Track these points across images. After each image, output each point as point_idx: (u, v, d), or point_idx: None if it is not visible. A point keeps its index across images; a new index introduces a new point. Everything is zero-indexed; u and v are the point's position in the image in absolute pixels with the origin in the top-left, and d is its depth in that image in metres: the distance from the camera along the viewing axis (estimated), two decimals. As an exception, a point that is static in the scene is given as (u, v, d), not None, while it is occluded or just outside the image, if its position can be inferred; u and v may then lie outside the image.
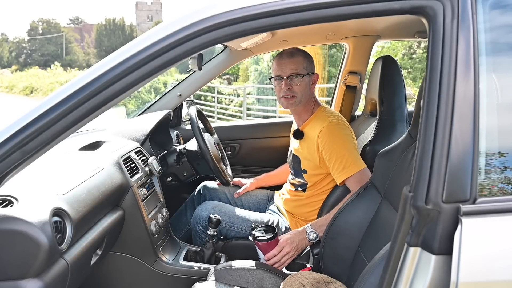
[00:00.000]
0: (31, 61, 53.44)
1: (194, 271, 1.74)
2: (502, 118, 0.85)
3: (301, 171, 1.86)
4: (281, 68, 1.79)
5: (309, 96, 1.85)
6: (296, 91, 1.79)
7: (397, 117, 1.89)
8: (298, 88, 1.78)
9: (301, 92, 1.79)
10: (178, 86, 2.44)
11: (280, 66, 1.80)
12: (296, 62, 1.79)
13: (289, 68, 1.78)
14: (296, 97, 1.80)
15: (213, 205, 1.94)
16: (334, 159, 1.71)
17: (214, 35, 0.91)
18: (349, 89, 2.47)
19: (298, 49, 1.85)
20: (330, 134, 1.73)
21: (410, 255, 0.81)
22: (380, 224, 1.30)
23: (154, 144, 2.17)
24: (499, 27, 0.86)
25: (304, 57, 1.82)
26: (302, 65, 1.79)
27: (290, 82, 1.78)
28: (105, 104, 0.94)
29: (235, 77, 15.90)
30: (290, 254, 1.62)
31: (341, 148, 1.71)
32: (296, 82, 1.78)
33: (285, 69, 1.79)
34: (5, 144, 0.92)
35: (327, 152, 1.73)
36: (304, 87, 1.80)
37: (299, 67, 1.79)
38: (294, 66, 1.78)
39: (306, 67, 1.81)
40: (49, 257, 1.07)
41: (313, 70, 1.85)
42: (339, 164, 1.70)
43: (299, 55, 1.81)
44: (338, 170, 1.71)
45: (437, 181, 0.79)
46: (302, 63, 1.80)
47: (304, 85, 1.80)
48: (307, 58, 1.82)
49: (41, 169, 1.34)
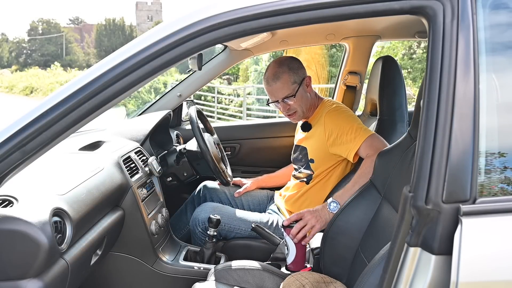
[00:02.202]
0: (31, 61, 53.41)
1: (194, 271, 1.74)
2: (502, 118, 0.85)
3: (308, 160, 1.87)
4: (272, 93, 1.83)
5: (309, 100, 1.87)
6: (295, 107, 1.83)
7: (397, 117, 1.89)
8: (296, 104, 1.82)
9: (300, 106, 1.84)
10: (178, 86, 2.44)
11: (271, 93, 1.83)
12: (283, 84, 1.79)
13: (278, 93, 1.81)
14: (297, 111, 1.85)
15: (212, 207, 1.94)
16: (344, 133, 1.73)
17: (214, 35, 0.91)
18: (349, 89, 2.47)
19: (280, 64, 1.80)
20: (336, 114, 1.79)
21: (410, 255, 0.81)
22: (380, 224, 1.30)
23: (154, 144, 2.17)
24: (499, 27, 0.86)
25: (289, 71, 1.79)
26: (289, 82, 1.79)
27: (285, 104, 1.82)
28: (105, 104, 0.94)
29: (235, 77, 15.89)
30: (312, 222, 1.53)
31: (348, 123, 1.75)
32: (290, 101, 1.81)
33: (275, 94, 1.82)
34: (5, 144, 0.92)
35: (336, 130, 1.75)
36: (300, 100, 1.82)
37: (287, 87, 1.79)
38: (282, 89, 1.80)
39: (294, 81, 1.80)
40: (49, 257, 1.07)
41: (303, 76, 1.83)
42: (350, 135, 1.71)
43: (283, 72, 1.79)
44: (350, 140, 1.71)
45: (437, 181, 0.79)
46: (288, 81, 1.79)
47: (300, 98, 1.82)
48: (292, 71, 1.80)
49: (41, 169, 1.34)
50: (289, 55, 1.92)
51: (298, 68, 1.83)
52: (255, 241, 1.89)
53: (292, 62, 1.83)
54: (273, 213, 1.98)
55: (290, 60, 1.84)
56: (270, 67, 1.83)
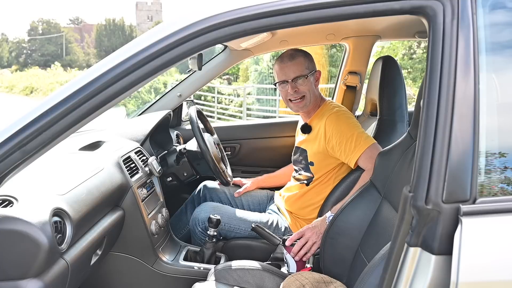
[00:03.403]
0: (31, 61, 53.42)
1: (194, 271, 1.74)
2: (502, 118, 0.85)
3: (308, 163, 1.87)
4: (284, 72, 1.81)
5: (316, 95, 1.88)
6: (304, 91, 1.81)
7: (397, 117, 1.89)
8: (305, 88, 1.81)
9: (309, 91, 1.82)
10: (178, 86, 2.44)
11: (283, 70, 1.81)
12: (298, 64, 1.80)
13: (292, 71, 1.79)
14: (306, 97, 1.82)
15: (212, 207, 1.94)
16: (344, 141, 1.72)
17: (214, 35, 0.91)
18: (349, 89, 2.47)
19: (297, 50, 1.86)
20: (336, 119, 1.78)
21: (410, 255, 0.81)
22: (380, 224, 1.30)
23: (154, 144, 2.17)
24: (499, 27, 0.86)
25: (305, 57, 1.83)
26: (304, 65, 1.81)
27: (295, 84, 1.80)
28: (105, 104, 0.94)
29: (235, 77, 15.89)
30: (313, 239, 1.57)
31: (349, 130, 1.74)
32: (301, 83, 1.80)
33: (288, 72, 1.80)
34: (5, 144, 0.92)
35: (336, 136, 1.74)
36: (310, 86, 1.82)
37: (301, 68, 1.80)
38: (297, 68, 1.80)
39: (308, 66, 1.83)
40: (49, 257, 1.07)
41: (314, 68, 1.87)
42: (350, 144, 1.71)
43: (300, 55, 1.82)
44: (350, 150, 1.71)
45: (437, 181, 0.79)
46: (303, 63, 1.81)
47: (310, 84, 1.82)
48: (307, 58, 1.84)
49: (41, 169, 1.34)
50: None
51: (312, 60, 1.87)
52: (255, 241, 1.89)
53: (307, 53, 1.87)
54: (273, 213, 1.98)
55: (305, 51, 1.88)
56: (286, 51, 1.86)
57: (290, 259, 1.56)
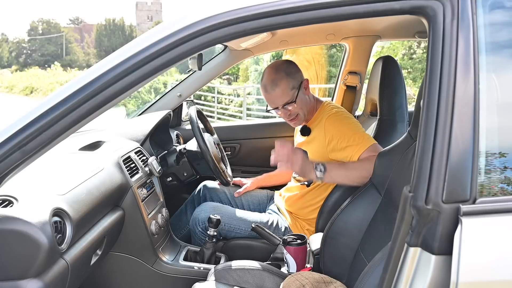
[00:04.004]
0: (31, 61, 53.39)
1: (194, 271, 1.74)
2: (502, 118, 0.85)
3: None
4: (271, 101, 1.78)
5: (309, 103, 1.83)
6: (296, 111, 1.78)
7: (398, 117, 1.89)
8: (296, 109, 1.77)
9: (301, 109, 1.79)
10: (178, 86, 2.44)
11: (270, 100, 1.78)
12: (282, 91, 1.74)
13: (278, 100, 1.76)
14: (299, 115, 1.80)
15: (212, 207, 1.93)
16: (346, 141, 1.68)
17: (214, 35, 0.91)
18: (349, 89, 2.47)
19: (277, 70, 1.75)
20: (336, 120, 1.75)
21: (410, 255, 0.81)
22: (380, 224, 1.30)
23: (154, 144, 2.17)
24: (499, 27, 0.86)
25: (287, 78, 1.74)
26: (288, 89, 1.74)
27: (285, 110, 1.77)
28: (105, 104, 0.94)
29: (235, 77, 15.88)
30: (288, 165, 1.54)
31: (350, 130, 1.71)
32: (291, 107, 1.76)
33: (275, 101, 1.77)
34: (5, 144, 0.92)
35: (336, 137, 1.71)
36: (300, 104, 1.78)
37: (287, 94, 1.74)
38: (282, 95, 1.74)
39: (293, 85, 1.75)
40: (49, 257, 1.07)
41: (301, 79, 1.79)
42: (352, 141, 1.67)
43: (281, 79, 1.73)
44: (352, 147, 1.67)
45: (437, 181, 0.79)
46: (287, 86, 1.74)
47: (300, 102, 1.77)
48: (290, 76, 1.75)
49: (41, 169, 1.34)
50: (284, 59, 1.86)
51: (296, 72, 1.78)
52: (255, 241, 1.89)
53: (289, 67, 1.78)
54: (273, 213, 1.98)
55: (286, 64, 1.80)
56: (266, 74, 1.77)
57: (290, 258, 1.56)
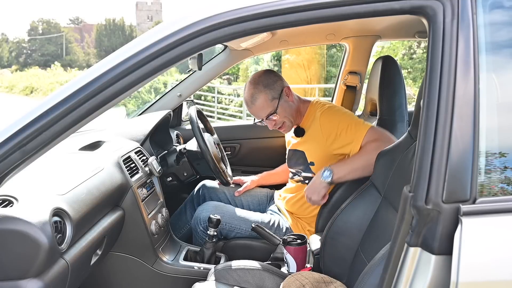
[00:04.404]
0: (31, 61, 53.38)
1: (194, 271, 1.74)
2: (502, 118, 0.85)
3: (308, 164, 1.86)
4: (255, 114, 1.86)
5: (294, 108, 1.87)
6: (281, 121, 1.86)
7: (397, 117, 1.89)
8: (280, 117, 1.84)
9: (285, 117, 1.85)
10: (178, 86, 2.44)
11: (253, 114, 1.86)
12: (262, 105, 1.80)
13: (260, 113, 1.83)
14: (285, 123, 1.87)
15: (214, 206, 1.93)
16: (344, 132, 1.72)
17: (214, 35, 0.91)
18: (349, 89, 2.47)
19: (255, 84, 1.80)
20: (330, 114, 1.79)
21: (410, 255, 0.81)
22: (380, 224, 1.30)
23: (154, 144, 2.16)
24: (499, 27, 0.86)
25: (265, 90, 1.78)
26: (267, 101, 1.79)
27: (270, 120, 1.84)
28: (105, 104, 0.94)
29: (235, 77, 15.88)
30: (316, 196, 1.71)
31: (345, 121, 1.74)
32: (274, 117, 1.82)
33: (258, 114, 1.84)
34: (5, 144, 0.92)
35: (334, 130, 1.75)
36: (284, 111, 1.83)
37: (267, 106, 1.80)
38: (262, 109, 1.81)
39: (273, 96, 1.80)
40: (49, 257, 1.07)
41: (281, 88, 1.82)
42: (350, 132, 1.71)
43: (259, 92, 1.78)
44: (350, 137, 1.71)
45: (437, 181, 0.79)
46: (266, 99, 1.79)
47: (283, 111, 1.83)
48: (268, 88, 1.79)
49: (41, 169, 1.34)
50: (263, 69, 1.90)
51: (274, 82, 1.81)
52: (255, 241, 1.89)
53: (266, 78, 1.81)
54: (274, 213, 1.98)
55: (264, 76, 1.83)
56: (246, 89, 1.83)
57: (290, 258, 1.55)
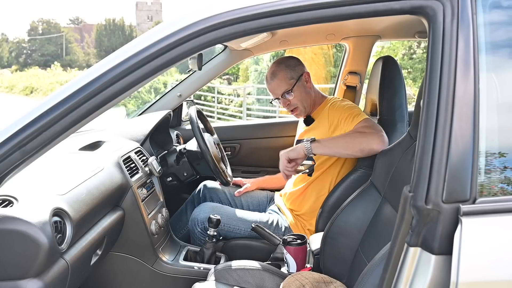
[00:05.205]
0: (31, 61, 53.38)
1: (194, 271, 1.74)
2: (502, 118, 0.85)
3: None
4: (272, 91, 1.93)
5: (310, 96, 1.92)
6: (295, 103, 1.91)
7: (397, 117, 1.89)
8: (295, 99, 1.90)
9: (300, 101, 1.91)
10: (178, 86, 2.44)
11: (271, 90, 1.93)
12: (280, 80, 1.88)
13: (277, 90, 1.90)
14: (298, 107, 1.92)
15: (211, 207, 1.93)
16: (343, 120, 1.77)
17: (214, 35, 0.91)
18: (349, 89, 2.47)
19: (279, 63, 1.91)
20: (338, 106, 1.85)
21: (410, 255, 0.81)
22: (380, 224, 1.30)
23: (154, 144, 2.17)
24: (499, 27, 0.86)
25: (285, 69, 1.88)
26: (286, 79, 1.88)
27: (285, 99, 1.90)
28: (105, 104, 0.94)
29: (235, 77, 15.88)
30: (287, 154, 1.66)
31: (348, 111, 1.79)
32: (289, 97, 1.88)
33: (275, 91, 1.91)
34: (5, 144, 0.92)
35: (336, 118, 1.80)
36: (300, 95, 1.89)
37: (285, 84, 1.88)
38: (280, 84, 1.88)
39: (292, 76, 1.88)
40: (49, 257, 1.07)
41: (301, 71, 1.91)
42: (347, 120, 1.75)
43: (280, 70, 1.88)
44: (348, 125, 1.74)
45: (437, 181, 0.79)
46: (286, 77, 1.88)
47: (299, 93, 1.89)
48: (289, 68, 1.89)
49: (41, 169, 1.34)
50: (288, 55, 1.98)
51: (295, 65, 1.92)
52: (255, 241, 1.89)
53: (289, 60, 1.92)
54: (273, 212, 1.98)
55: (287, 58, 1.94)
56: (269, 68, 1.93)
57: (289, 258, 1.56)
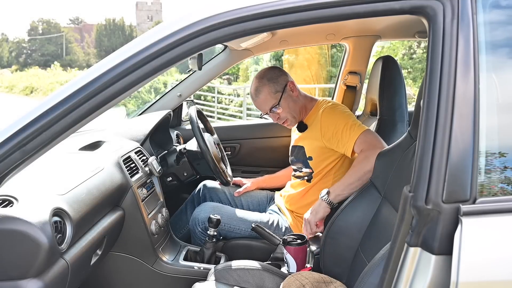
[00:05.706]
0: (31, 61, 53.35)
1: (194, 271, 1.74)
2: (502, 118, 0.85)
3: (306, 159, 1.88)
4: (259, 107, 1.92)
5: (298, 103, 1.90)
6: (284, 116, 1.90)
7: (397, 117, 1.89)
8: (284, 112, 1.89)
9: (289, 112, 1.89)
10: (178, 86, 2.44)
11: (258, 107, 1.92)
12: (265, 97, 1.86)
13: (264, 106, 1.89)
14: (288, 119, 1.91)
15: (212, 207, 1.94)
16: (340, 131, 1.74)
17: (214, 35, 0.91)
18: (349, 89, 2.47)
19: (259, 78, 1.88)
20: (331, 112, 1.81)
21: (410, 255, 0.81)
22: (380, 224, 1.30)
23: (154, 144, 2.17)
24: (499, 27, 0.86)
25: (268, 83, 1.85)
26: (271, 94, 1.85)
27: (274, 114, 1.89)
28: (105, 104, 0.94)
29: (235, 77, 15.87)
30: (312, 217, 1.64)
31: (343, 120, 1.76)
32: (278, 110, 1.87)
33: (262, 107, 1.90)
34: (5, 144, 0.92)
35: (331, 128, 1.77)
36: (287, 106, 1.88)
37: (270, 99, 1.86)
38: (266, 101, 1.87)
39: (276, 89, 1.86)
40: (49, 257, 1.07)
41: (285, 82, 1.88)
42: (345, 133, 1.72)
43: (263, 85, 1.86)
44: (345, 139, 1.72)
45: (437, 181, 0.79)
46: (269, 92, 1.85)
47: (287, 105, 1.87)
48: (271, 81, 1.86)
49: (41, 169, 1.34)
50: (268, 66, 1.97)
51: (278, 76, 1.88)
52: (255, 241, 1.89)
53: (270, 73, 1.89)
54: (274, 213, 1.98)
55: (268, 71, 1.91)
56: (252, 83, 1.91)
57: (290, 258, 1.56)
